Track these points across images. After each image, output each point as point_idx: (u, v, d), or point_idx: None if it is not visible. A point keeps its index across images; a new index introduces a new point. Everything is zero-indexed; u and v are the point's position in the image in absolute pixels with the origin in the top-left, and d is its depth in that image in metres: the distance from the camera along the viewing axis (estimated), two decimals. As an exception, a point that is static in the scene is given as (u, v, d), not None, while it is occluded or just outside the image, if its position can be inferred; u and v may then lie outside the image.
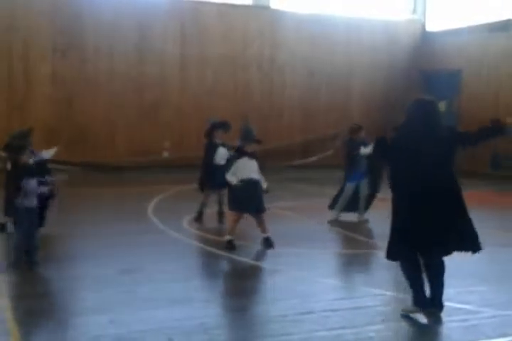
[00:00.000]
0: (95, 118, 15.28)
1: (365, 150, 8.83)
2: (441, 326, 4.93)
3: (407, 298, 5.53)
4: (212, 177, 8.81)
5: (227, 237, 7.34)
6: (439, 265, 5.04)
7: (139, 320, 4.87)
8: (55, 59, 14.99)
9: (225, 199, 8.77)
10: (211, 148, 8.93)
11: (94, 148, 15.16)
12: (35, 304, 5.26)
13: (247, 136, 7.50)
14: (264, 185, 7.40)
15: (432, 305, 5.03)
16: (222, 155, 8.76)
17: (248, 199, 7.25)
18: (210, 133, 9.01)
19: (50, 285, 6.01)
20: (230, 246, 7.27)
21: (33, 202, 6.30)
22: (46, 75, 14.96)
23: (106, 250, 7.23)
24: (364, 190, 9.21)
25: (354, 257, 7.50)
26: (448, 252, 4.98)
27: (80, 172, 14.12)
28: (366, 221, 9.25)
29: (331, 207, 9.31)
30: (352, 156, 9.06)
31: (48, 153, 7.53)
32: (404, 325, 4.99)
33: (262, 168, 7.48)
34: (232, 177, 7.31)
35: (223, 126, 9.05)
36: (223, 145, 8.93)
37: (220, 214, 9.00)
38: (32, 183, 6.29)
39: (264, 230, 7.41)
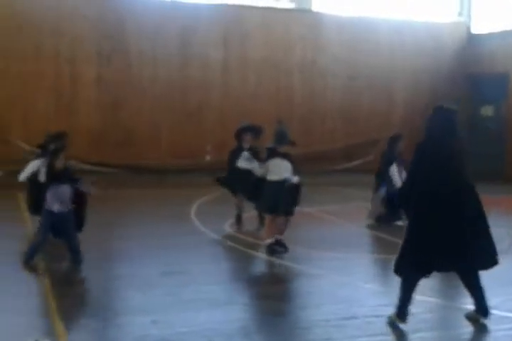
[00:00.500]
0: (140, 121, 15.48)
1: (394, 169, 8.85)
2: (487, 335, 4.83)
3: (450, 305, 5.46)
4: (237, 182, 8.76)
5: (267, 241, 7.33)
6: (474, 275, 4.92)
7: (181, 322, 4.91)
8: (100, 63, 15.26)
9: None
10: (237, 152, 8.86)
11: (138, 150, 15.35)
12: (81, 303, 5.36)
13: (280, 137, 7.49)
14: (294, 179, 7.26)
15: (476, 311, 4.95)
16: (244, 158, 8.69)
17: (277, 200, 7.19)
18: (237, 137, 8.98)
19: (95, 285, 6.09)
20: (271, 250, 7.25)
21: (62, 206, 6.33)
22: (92, 79, 15.23)
23: (149, 251, 7.31)
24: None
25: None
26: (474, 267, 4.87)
27: (124, 174, 14.32)
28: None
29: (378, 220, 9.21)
30: (388, 166, 9.02)
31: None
32: (447, 333, 4.91)
33: (297, 172, 7.42)
34: (260, 171, 7.27)
35: (251, 130, 8.99)
36: (250, 149, 8.84)
37: (261, 218, 9.01)
38: (63, 188, 6.33)
39: (281, 232, 7.32)
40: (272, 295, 5.98)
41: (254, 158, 8.49)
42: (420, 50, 17.58)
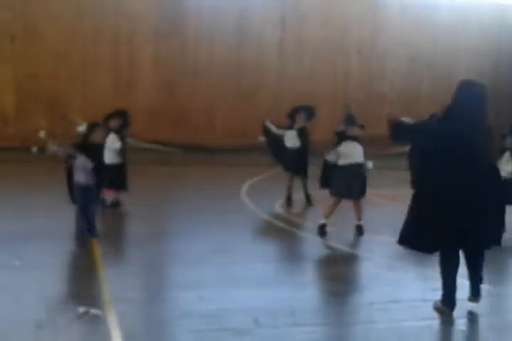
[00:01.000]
0: (195, 101, 15.59)
1: None
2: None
3: (500, 291, 5.32)
4: (285, 160, 8.89)
5: (321, 221, 7.29)
6: (481, 254, 4.81)
7: (227, 299, 4.95)
8: (158, 43, 15.40)
9: (307, 181, 8.81)
10: (287, 129, 8.99)
11: (194, 129, 15.49)
12: (129, 276, 5.47)
13: (349, 121, 7.47)
14: (370, 164, 7.26)
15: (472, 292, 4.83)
16: (289, 137, 8.82)
17: (350, 184, 7.17)
18: (291, 116, 9.00)
19: (143, 260, 6.20)
20: (322, 231, 7.23)
21: (87, 179, 6.39)
22: (150, 59, 15.41)
23: (198, 228, 7.39)
24: None
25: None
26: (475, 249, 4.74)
27: (179, 153, 14.49)
28: None
29: None
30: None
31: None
32: (495, 319, 4.80)
33: (365, 154, 7.37)
34: (332, 156, 7.24)
35: (305, 110, 9.00)
36: (300, 129, 8.88)
37: (307, 197, 9.02)
38: (83, 161, 6.38)
39: (359, 218, 7.32)
40: (320, 276, 5.98)
41: (301, 138, 8.69)
42: (484, 32, 17.01)
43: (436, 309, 4.77)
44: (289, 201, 9.04)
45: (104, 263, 5.83)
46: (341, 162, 7.23)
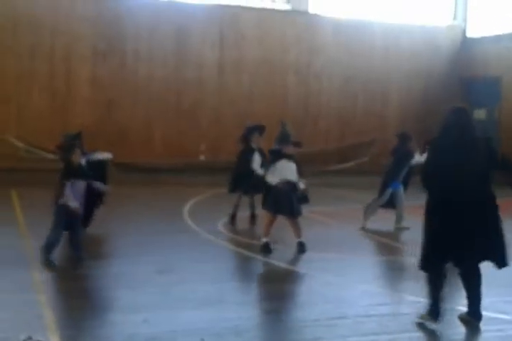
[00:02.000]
0: (134, 120, 15.46)
1: (420, 158, 8.75)
2: (476, 335, 4.86)
3: (444, 306, 5.47)
4: (247, 182, 8.88)
5: (263, 240, 7.34)
6: (475, 275, 4.98)
7: (172, 320, 4.91)
8: (95, 62, 15.24)
9: (257, 202, 8.88)
10: (248, 152, 8.99)
11: (132, 149, 15.33)
12: (73, 300, 5.36)
13: (284, 139, 7.53)
14: (302, 185, 7.37)
15: (468, 314, 5.00)
16: (258, 161, 8.84)
17: (284, 202, 7.25)
18: (246, 138, 9.08)
19: (87, 283, 6.10)
20: (266, 249, 7.27)
21: (76, 203, 6.36)
22: (87, 78, 15.22)
23: (141, 249, 7.31)
24: (402, 198, 9.05)
25: (389, 263, 7.45)
26: (478, 259, 4.94)
27: (117, 173, 14.29)
28: (406, 229, 9.05)
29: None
30: (401, 164, 8.92)
31: (102, 155, 7.68)
32: (439, 333, 4.92)
33: (301, 172, 7.47)
34: (272, 178, 7.31)
35: (258, 129, 9.13)
36: (259, 150, 8.98)
37: (253, 217, 9.10)
38: (78, 184, 6.37)
39: (298, 234, 7.39)
40: (264, 294, 6.00)
41: (264, 159, 8.68)
42: (415, 53, 17.65)
43: (421, 318, 4.95)
44: (233, 219, 9.08)
45: (46, 287, 5.68)
46: (275, 180, 7.30)
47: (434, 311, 4.94)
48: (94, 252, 7.15)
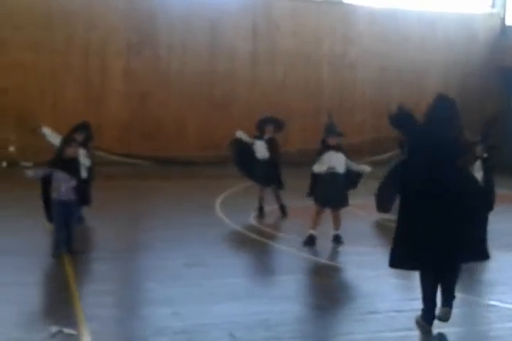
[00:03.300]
0: (167, 113, 15.53)
1: None
2: (510, 332, 4.71)
3: (476, 300, 5.35)
4: (254, 172, 8.90)
5: (310, 231, 7.27)
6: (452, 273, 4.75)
7: (202, 314, 4.90)
8: (129, 55, 15.33)
9: (281, 192, 8.82)
10: (257, 139, 8.98)
11: (166, 142, 15.42)
12: (102, 293, 5.38)
13: (329, 129, 7.48)
14: (367, 168, 7.39)
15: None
16: (259, 148, 8.82)
17: (332, 193, 7.21)
18: (259, 128, 9.00)
19: (116, 275, 6.12)
20: (310, 242, 7.21)
21: (68, 194, 6.31)
22: (121, 71, 15.32)
23: (173, 243, 7.31)
24: None
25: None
26: (454, 265, 4.70)
27: (151, 166, 14.40)
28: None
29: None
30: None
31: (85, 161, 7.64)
32: (471, 329, 4.82)
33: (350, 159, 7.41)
34: (319, 167, 7.25)
35: (273, 121, 9.02)
36: (269, 140, 8.91)
37: (282, 208, 9.02)
38: (61, 175, 6.27)
39: (337, 227, 7.33)
40: (295, 288, 5.94)
41: (270, 149, 8.73)
42: (452, 42, 17.28)
43: (417, 323, 4.76)
44: (261, 212, 9.03)
45: (76, 280, 5.73)
46: (323, 171, 7.25)
47: (428, 317, 4.66)
48: (124, 245, 7.19)
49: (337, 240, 7.29)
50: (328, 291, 5.85)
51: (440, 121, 4.75)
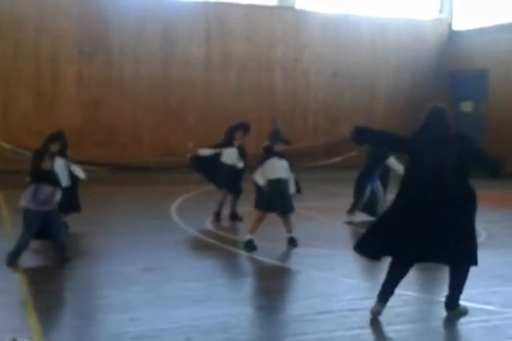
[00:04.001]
0: (121, 119, 15.44)
1: (393, 161, 8.88)
2: (461, 326, 4.89)
3: (429, 298, 5.51)
4: (219, 177, 8.99)
5: (248, 237, 7.36)
6: (462, 268, 5.03)
7: (158, 319, 4.91)
8: (81, 61, 15.19)
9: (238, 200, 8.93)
10: (226, 146, 9.06)
11: (120, 149, 15.32)
12: (57, 301, 5.36)
13: (275, 136, 7.55)
14: (292, 187, 7.43)
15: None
16: (231, 155, 8.91)
17: (276, 199, 7.27)
18: (229, 135, 9.09)
19: (72, 283, 6.08)
20: (250, 247, 7.28)
21: (47, 206, 6.33)
22: (73, 77, 15.16)
23: (128, 248, 7.31)
24: (381, 192, 9.14)
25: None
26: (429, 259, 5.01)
27: (106, 172, 14.28)
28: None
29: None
30: (378, 160, 9.00)
31: (77, 172, 7.70)
32: (424, 325, 4.96)
33: (292, 168, 7.50)
34: (259, 178, 7.34)
35: (242, 127, 9.13)
36: (239, 147, 8.99)
37: (233, 214, 9.09)
38: (44, 189, 6.32)
39: (289, 230, 7.43)
40: (251, 291, 6.01)
41: (242, 156, 8.80)
42: (402, 47, 17.69)
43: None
44: (218, 217, 9.08)
45: (31, 287, 5.67)
46: (268, 177, 7.33)
47: (381, 293, 5.00)
48: (80, 252, 7.14)
49: (292, 242, 7.39)
50: (282, 293, 5.94)
51: (438, 128, 5.05)
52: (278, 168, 7.35)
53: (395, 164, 8.94)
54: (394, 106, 17.65)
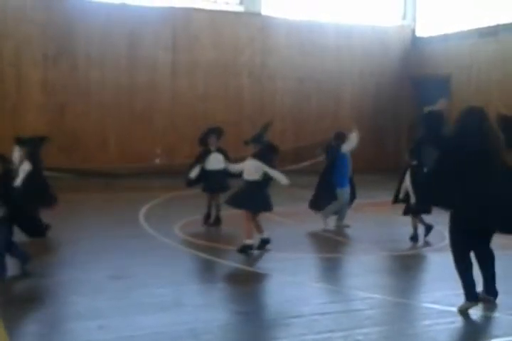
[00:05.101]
0: (87, 125, 15.28)
1: (347, 145, 9.02)
2: (428, 329, 4.96)
3: (396, 301, 5.57)
4: (207, 182, 9.03)
5: (249, 241, 7.38)
6: (488, 254, 5.31)
7: (127, 326, 4.88)
8: (46, 66, 15.01)
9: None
10: (205, 154, 9.09)
11: (86, 155, 15.16)
12: (25, 309, 5.27)
13: (258, 138, 7.67)
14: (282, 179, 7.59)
15: (485, 293, 5.36)
16: (216, 160, 8.98)
17: (251, 198, 7.45)
18: (204, 140, 9.14)
19: (39, 291, 6.00)
20: (248, 250, 7.34)
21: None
22: (38, 82, 14.97)
23: (97, 255, 7.23)
24: (347, 196, 9.26)
25: (343, 261, 7.54)
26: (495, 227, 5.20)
27: (71, 178, 14.11)
28: (347, 226, 9.27)
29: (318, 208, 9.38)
30: (337, 161, 9.15)
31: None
32: (391, 328, 5.02)
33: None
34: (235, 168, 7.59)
35: (214, 131, 9.19)
36: (218, 150, 9.04)
37: (217, 219, 9.13)
38: None
39: (260, 231, 7.55)
40: (220, 296, 6.00)
41: (225, 157, 8.84)
42: (367, 53, 17.91)
43: (464, 308, 5.20)
44: (207, 219, 9.17)
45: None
46: (246, 178, 7.49)
47: (471, 294, 5.21)
48: (46, 259, 7.05)
49: (266, 242, 7.48)
50: (252, 297, 5.95)
51: (471, 133, 5.11)
52: (255, 169, 7.52)
53: (347, 145, 9.04)
54: (359, 110, 17.86)
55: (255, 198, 7.48)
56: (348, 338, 4.67)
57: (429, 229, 8.37)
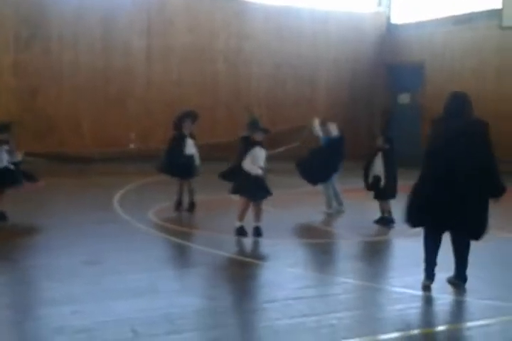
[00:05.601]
0: (60, 109, 15.08)
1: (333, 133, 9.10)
2: (399, 312, 5.03)
3: (368, 285, 5.65)
4: (181, 167, 8.96)
5: (239, 223, 7.36)
6: (462, 239, 5.43)
7: (102, 311, 4.86)
8: (18, 49, 14.74)
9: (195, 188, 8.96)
10: (179, 139, 9.04)
11: (59, 139, 14.99)
12: (-3, 296, 5.22)
13: (254, 126, 7.59)
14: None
15: (454, 277, 5.51)
16: (189, 145, 8.98)
17: (263, 188, 7.41)
18: (177, 125, 9.09)
19: (11, 276, 5.95)
20: (242, 232, 7.33)
21: None
22: (10, 65, 14.70)
23: (71, 240, 7.19)
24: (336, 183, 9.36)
25: (319, 246, 7.59)
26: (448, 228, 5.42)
27: (45, 163, 13.95)
28: (343, 211, 9.36)
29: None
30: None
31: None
32: (364, 312, 5.08)
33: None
34: (252, 167, 7.36)
35: (189, 115, 9.16)
36: (191, 135, 9.04)
37: (191, 204, 9.10)
38: None
39: (259, 219, 7.47)
40: (195, 281, 6.01)
41: (195, 144, 8.95)
42: (342, 39, 17.92)
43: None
44: (178, 206, 9.13)
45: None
46: (256, 169, 7.38)
47: (428, 274, 5.44)
48: (19, 245, 6.99)
49: (258, 232, 7.41)
50: (227, 283, 5.98)
51: (455, 112, 5.51)
52: (262, 158, 7.44)
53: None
54: (335, 96, 17.91)
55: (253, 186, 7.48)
56: (321, 322, 4.72)
57: (389, 221, 8.37)
